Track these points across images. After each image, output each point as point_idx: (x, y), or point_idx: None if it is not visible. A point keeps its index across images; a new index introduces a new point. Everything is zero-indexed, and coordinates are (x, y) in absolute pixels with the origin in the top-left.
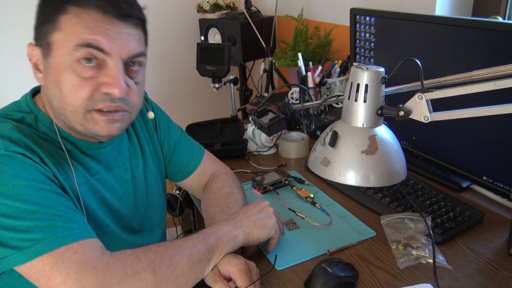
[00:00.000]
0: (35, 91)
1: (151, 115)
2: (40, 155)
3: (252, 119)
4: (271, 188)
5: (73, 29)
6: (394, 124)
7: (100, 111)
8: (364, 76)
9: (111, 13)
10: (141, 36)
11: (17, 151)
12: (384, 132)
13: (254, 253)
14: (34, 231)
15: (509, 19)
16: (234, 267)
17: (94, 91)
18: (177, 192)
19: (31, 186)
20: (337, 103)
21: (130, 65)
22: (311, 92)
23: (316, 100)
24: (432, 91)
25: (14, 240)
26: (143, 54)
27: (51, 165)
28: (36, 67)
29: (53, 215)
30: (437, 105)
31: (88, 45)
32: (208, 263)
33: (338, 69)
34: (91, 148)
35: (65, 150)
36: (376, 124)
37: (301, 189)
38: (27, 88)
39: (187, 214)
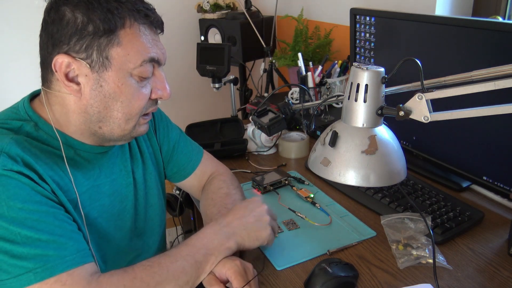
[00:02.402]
0: (33, 96)
1: None
2: (38, 171)
3: (252, 119)
4: (271, 188)
5: (135, 44)
6: (394, 124)
7: (144, 114)
8: (364, 76)
9: (155, 26)
10: None
11: (14, 169)
12: (384, 132)
13: (254, 253)
14: (27, 258)
15: (509, 19)
16: (230, 270)
17: (147, 99)
18: (177, 192)
19: (27, 208)
20: (337, 103)
21: None
22: (311, 92)
23: (316, 100)
24: (432, 91)
25: (7, 264)
26: None
27: (49, 180)
28: (67, 78)
29: (46, 242)
30: (437, 105)
31: (152, 60)
32: (197, 279)
33: (338, 69)
34: (94, 152)
35: (65, 160)
36: (376, 124)
37: (301, 189)
38: (26, 89)
39: (187, 214)
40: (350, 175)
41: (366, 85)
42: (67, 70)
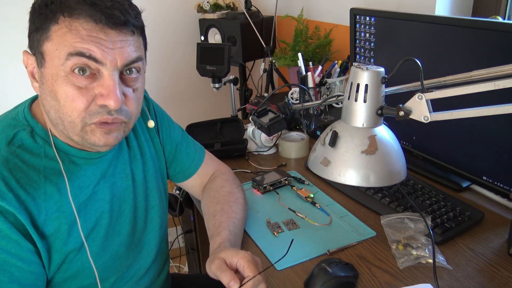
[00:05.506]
0: (35, 99)
1: (151, 124)
2: (20, 198)
3: (252, 119)
4: (271, 188)
5: (64, 38)
6: (394, 124)
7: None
8: (364, 76)
9: (103, 22)
10: (138, 41)
11: None
12: (384, 132)
13: (254, 252)
14: None
15: (509, 19)
16: (243, 258)
17: (90, 103)
18: (177, 192)
19: None
20: (337, 103)
21: (127, 73)
22: (311, 92)
23: (316, 100)
24: (432, 91)
25: None
26: (140, 59)
27: (32, 207)
28: (32, 75)
29: None
30: (437, 105)
31: (80, 54)
32: None
33: (338, 69)
34: (91, 157)
35: (63, 173)
36: (376, 124)
37: (301, 189)
38: (26, 89)
39: (187, 214)
40: (350, 175)
41: (366, 85)
42: (31, 67)
